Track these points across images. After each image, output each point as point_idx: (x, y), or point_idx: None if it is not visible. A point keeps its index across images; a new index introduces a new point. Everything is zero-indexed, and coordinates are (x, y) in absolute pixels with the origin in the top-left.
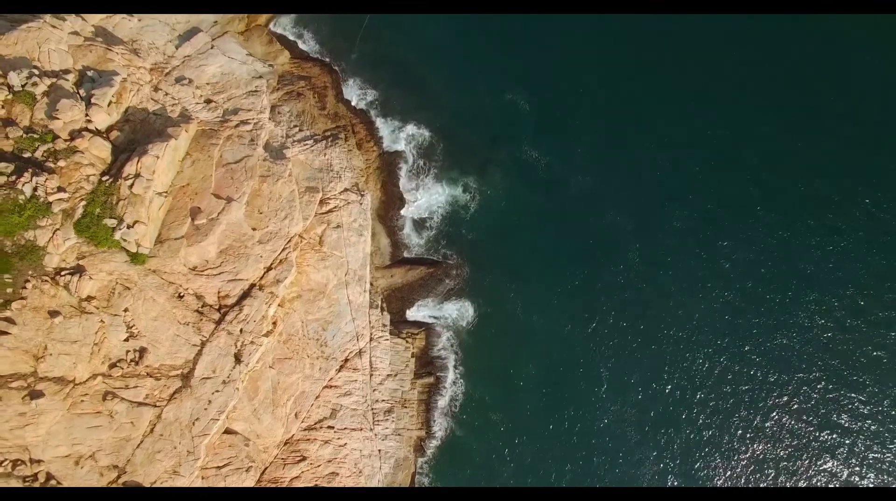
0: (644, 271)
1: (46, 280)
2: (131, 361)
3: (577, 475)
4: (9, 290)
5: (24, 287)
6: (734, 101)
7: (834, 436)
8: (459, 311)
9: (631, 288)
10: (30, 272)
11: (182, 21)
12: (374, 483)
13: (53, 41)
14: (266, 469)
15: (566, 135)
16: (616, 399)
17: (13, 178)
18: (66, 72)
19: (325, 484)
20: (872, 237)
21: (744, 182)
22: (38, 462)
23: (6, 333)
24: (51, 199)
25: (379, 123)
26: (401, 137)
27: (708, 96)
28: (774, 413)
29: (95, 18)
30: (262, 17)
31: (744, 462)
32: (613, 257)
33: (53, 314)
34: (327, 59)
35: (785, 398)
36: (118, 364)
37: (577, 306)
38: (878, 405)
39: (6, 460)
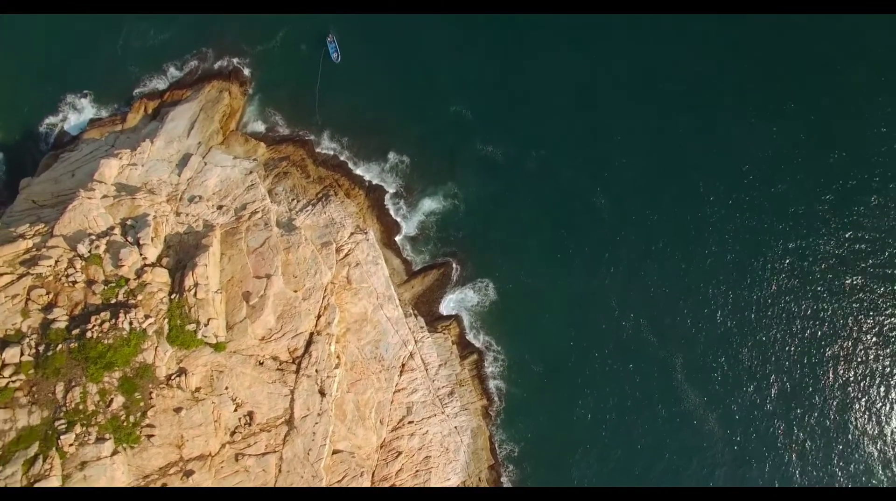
0: (610, 210)
1: (163, 387)
2: (245, 424)
3: (615, 393)
4: (141, 404)
5: (151, 397)
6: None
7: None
8: (477, 293)
9: (604, 227)
10: (150, 385)
11: (174, 152)
12: (460, 455)
13: (94, 209)
14: (374, 471)
15: (509, 124)
16: (630, 324)
17: (113, 321)
18: (112, 228)
19: (422, 469)
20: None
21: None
22: None
23: (152, 435)
24: (144, 326)
25: (356, 170)
26: (378, 175)
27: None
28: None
29: (111, 178)
30: (233, 122)
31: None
32: (583, 206)
33: (178, 410)
34: (296, 136)
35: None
36: (237, 431)
37: (568, 257)
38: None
39: None
